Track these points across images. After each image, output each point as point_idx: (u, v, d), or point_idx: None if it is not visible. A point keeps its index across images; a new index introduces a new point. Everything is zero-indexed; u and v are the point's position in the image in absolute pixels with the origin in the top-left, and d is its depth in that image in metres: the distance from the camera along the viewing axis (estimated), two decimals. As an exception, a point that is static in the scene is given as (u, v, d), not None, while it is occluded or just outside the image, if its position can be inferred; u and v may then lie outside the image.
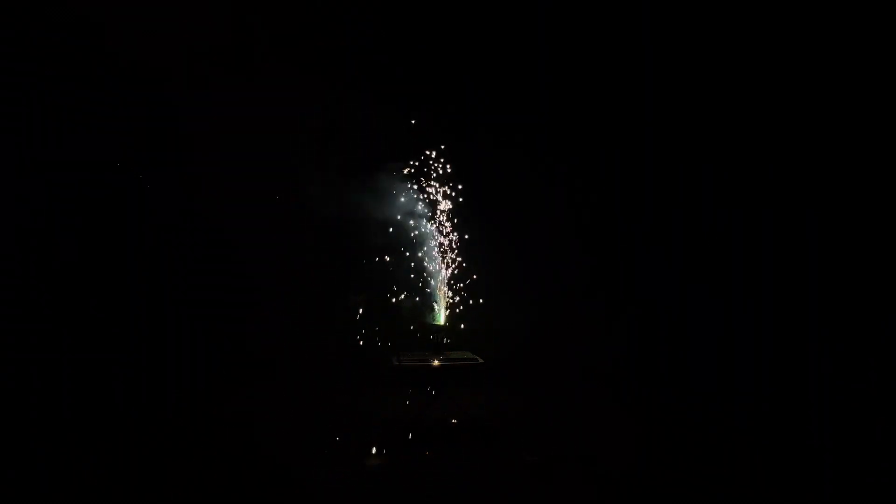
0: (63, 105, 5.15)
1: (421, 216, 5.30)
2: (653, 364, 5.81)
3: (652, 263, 6.02)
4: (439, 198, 5.37)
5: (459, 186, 5.47)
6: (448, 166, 5.48)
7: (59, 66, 5.13)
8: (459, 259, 5.32)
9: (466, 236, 5.41)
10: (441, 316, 4.96)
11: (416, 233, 5.33)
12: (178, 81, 5.54)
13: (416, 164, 5.48)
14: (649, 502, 3.10)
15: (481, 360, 4.18)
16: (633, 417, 4.73)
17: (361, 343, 5.63)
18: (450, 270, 5.24)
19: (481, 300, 5.51)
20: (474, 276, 5.44)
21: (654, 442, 4.08)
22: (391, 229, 5.39)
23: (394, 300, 5.25)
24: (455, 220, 5.36)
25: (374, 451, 3.80)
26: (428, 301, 5.23)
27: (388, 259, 5.42)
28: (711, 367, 5.48)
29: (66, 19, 5.14)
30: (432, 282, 5.17)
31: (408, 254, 5.34)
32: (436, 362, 4.15)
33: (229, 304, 5.86)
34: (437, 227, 5.26)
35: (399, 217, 5.41)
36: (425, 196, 5.40)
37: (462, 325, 5.30)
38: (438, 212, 5.32)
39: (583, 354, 5.90)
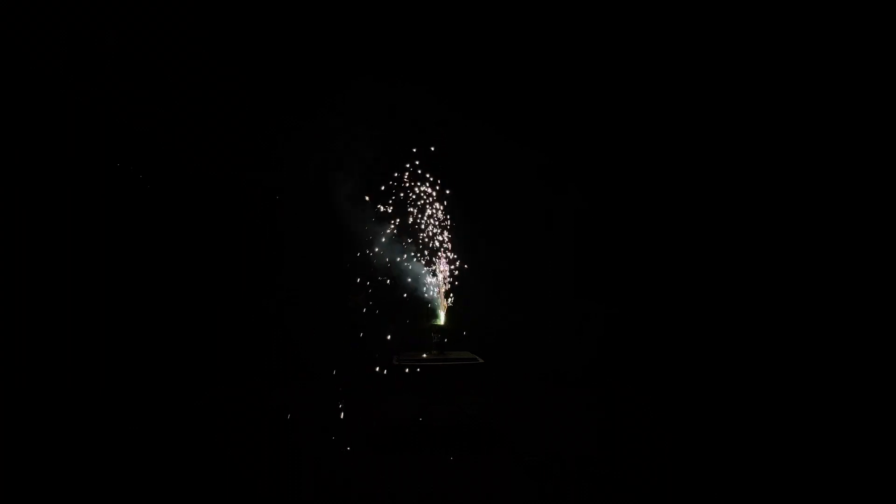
0: None
1: (419, 209, 5.27)
2: (652, 364, 5.81)
3: (647, 262, 6.02)
4: (435, 196, 5.35)
5: (454, 184, 5.46)
6: (443, 163, 5.46)
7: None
8: (458, 259, 5.30)
9: (463, 236, 5.39)
10: (441, 316, 4.95)
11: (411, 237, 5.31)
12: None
13: (412, 157, 5.45)
14: (649, 502, 3.10)
15: (481, 360, 4.17)
16: (632, 417, 4.73)
17: (361, 342, 5.61)
18: (448, 270, 5.23)
19: (481, 300, 5.50)
20: (473, 277, 5.43)
21: (654, 442, 4.07)
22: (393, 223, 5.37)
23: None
24: (450, 220, 5.34)
25: (372, 451, 3.79)
26: (428, 301, 5.21)
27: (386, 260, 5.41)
28: (710, 367, 5.48)
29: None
30: (431, 282, 5.16)
31: (407, 254, 5.33)
32: (435, 362, 4.14)
33: (229, 303, 5.86)
34: (434, 227, 5.24)
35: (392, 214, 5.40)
36: (420, 194, 5.37)
37: (461, 326, 5.29)
38: (434, 210, 5.30)
39: (582, 354, 5.90)
